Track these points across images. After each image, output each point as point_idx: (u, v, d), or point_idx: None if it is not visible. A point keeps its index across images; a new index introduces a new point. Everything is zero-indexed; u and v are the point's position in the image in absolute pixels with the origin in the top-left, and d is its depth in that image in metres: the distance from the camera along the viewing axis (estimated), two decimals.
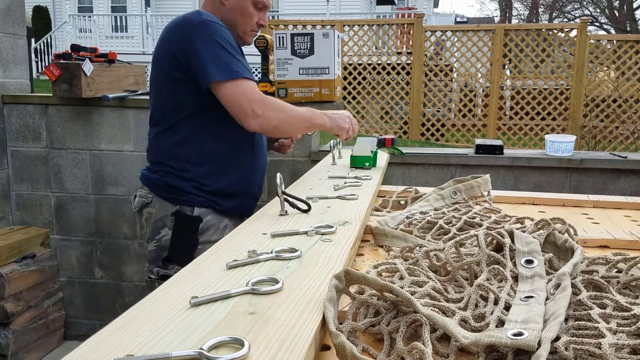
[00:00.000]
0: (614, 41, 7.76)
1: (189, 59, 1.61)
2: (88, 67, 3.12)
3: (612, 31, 21.46)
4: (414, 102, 8.21)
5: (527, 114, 8.02)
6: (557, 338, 0.64)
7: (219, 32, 1.63)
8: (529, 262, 0.85)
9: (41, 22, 15.11)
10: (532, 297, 0.75)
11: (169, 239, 1.72)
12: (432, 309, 0.70)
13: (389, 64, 8.27)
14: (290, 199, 1.21)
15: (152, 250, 1.75)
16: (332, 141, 2.03)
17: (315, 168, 1.88)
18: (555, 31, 7.84)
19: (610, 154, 3.28)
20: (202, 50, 1.60)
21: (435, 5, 26.76)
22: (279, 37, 2.79)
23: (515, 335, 0.63)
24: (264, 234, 1.06)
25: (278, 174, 1.21)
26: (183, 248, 1.71)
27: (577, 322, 0.69)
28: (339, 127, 1.77)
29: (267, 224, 1.14)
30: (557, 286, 0.76)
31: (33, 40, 12.08)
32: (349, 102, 8.41)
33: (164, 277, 1.68)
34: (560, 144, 3.18)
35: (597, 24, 22.92)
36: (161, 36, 1.71)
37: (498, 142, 3.27)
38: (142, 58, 13.90)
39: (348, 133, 1.82)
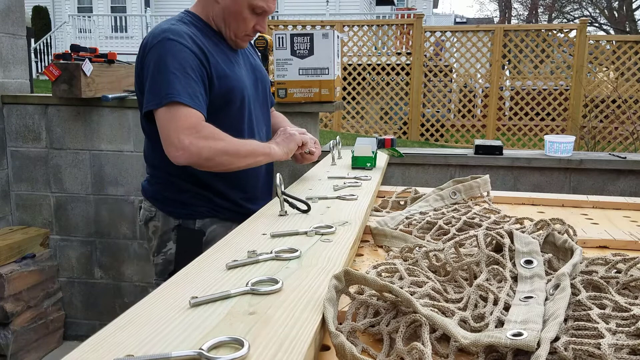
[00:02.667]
0: (613, 42, 7.77)
1: (143, 81, 1.56)
2: (88, 67, 3.12)
3: (612, 32, 21.48)
4: (413, 103, 8.21)
5: (526, 114, 8.02)
6: (557, 338, 0.64)
7: (171, 52, 1.49)
8: (529, 262, 0.85)
9: (41, 22, 15.11)
10: (531, 297, 0.75)
11: (174, 252, 1.67)
12: (431, 309, 0.70)
13: (388, 65, 8.28)
14: (290, 199, 1.21)
15: (159, 264, 1.71)
16: (331, 141, 2.03)
17: (315, 168, 1.88)
18: (555, 32, 7.85)
19: (610, 154, 3.29)
20: (147, 76, 1.52)
21: (435, 5, 26.78)
22: (279, 38, 2.79)
23: (514, 335, 0.63)
24: (263, 234, 1.06)
25: (278, 174, 1.21)
26: (188, 262, 1.65)
27: (576, 323, 0.69)
28: (287, 147, 1.63)
29: (267, 224, 1.14)
30: (557, 286, 0.76)
31: (33, 40, 12.08)
32: (348, 103, 8.42)
33: None
34: (560, 145, 3.19)
35: (597, 24, 22.95)
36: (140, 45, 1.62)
37: (497, 143, 3.27)
38: None
39: (306, 157, 1.69)
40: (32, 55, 9.24)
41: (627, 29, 21.05)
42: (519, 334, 0.63)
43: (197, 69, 1.51)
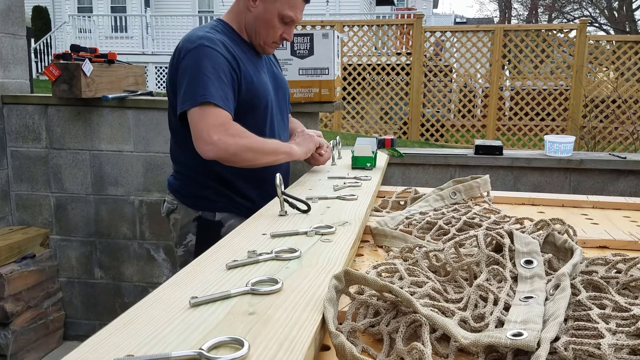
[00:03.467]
0: (613, 42, 7.77)
1: (177, 82, 1.65)
2: (88, 67, 3.12)
3: (612, 32, 21.48)
4: (413, 103, 8.21)
5: (526, 114, 8.03)
6: (557, 338, 0.64)
7: (206, 57, 1.60)
8: (529, 262, 0.85)
9: (41, 22, 15.11)
10: (531, 297, 0.75)
11: (194, 244, 1.76)
12: (431, 309, 0.70)
13: (388, 65, 8.28)
14: (290, 200, 1.21)
15: (181, 256, 1.80)
16: (332, 141, 2.03)
17: (315, 168, 1.88)
18: (555, 32, 7.85)
19: (610, 154, 3.29)
20: (182, 79, 1.62)
21: (435, 5, 26.78)
22: None
23: (514, 335, 0.63)
24: (263, 234, 1.06)
25: (277, 175, 1.21)
26: None
27: (576, 323, 0.69)
28: (307, 147, 1.76)
29: (267, 224, 1.14)
30: (557, 287, 0.76)
31: (33, 40, 12.06)
32: (348, 103, 8.42)
33: None
34: (560, 145, 3.19)
35: (597, 24, 22.96)
36: (174, 49, 1.73)
37: (497, 143, 3.27)
38: (141, 58, 13.92)
39: (317, 158, 1.82)
40: (32, 55, 9.23)
41: (627, 29, 21.04)
42: (519, 334, 0.63)
43: (228, 74, 1.62)
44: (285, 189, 1.83)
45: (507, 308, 0.74)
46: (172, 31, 15.03)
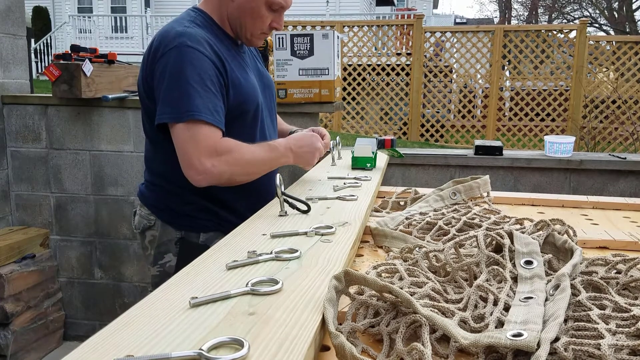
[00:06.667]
0: (613, 42, 7.77)
1: (153, 87, 1.47)
2: (88, 67, 3.12)
3: (612, 32, 21.49)
4: (413, 103, 8.21)
5: (526, 115, 8.03)
6: (557, 339, 0.64)
7: (189, 61, 1.40)
8: (529, 263, 0.85)
9: (41, 22, 15.11)
10: (531, 298, 0.75)
11: (173, 265, 1.59)
12: (431, 310, 0.70)
13: (388, 65, 8.28)
14: (290, 200, 1.21)
15: (156, 275, 1.63)
16: (332, 142, 2.02)
17: (315, 169, 1.88)
18: (555, 32, 7.86)
19: (610, 155, 3.29)
20: (160, 84, 1.43)
21: (435, 6, 26.79)
22: (279, 38, 2.79)
23: (514, 336, 0.63)
24: (263, 234, 1.06)
25: (278, 175, 1.21)
26: None
27: (576, 323, 0.69)
28: (305, 162, 1.60)
29: (267, 224, 1.14)
30: (557, 287, 0.76)
31: (33, 40, 12.07)
32: (348, 103, 8.42)
33: None
34: (560, 145, 3.19)
35: (597, 25, 22.96)
36: (147, 47, 1.54)
37: (497, 143, 3.27)
38: (141, 59, 13.91)
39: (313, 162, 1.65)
40: (32, 55, 9.23)
41: (627, 30, 21.05)
42: (519, 335, 0.63)
43: (216, 80, 1.45)
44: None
45: (507, 308, 0.74)
46: None
